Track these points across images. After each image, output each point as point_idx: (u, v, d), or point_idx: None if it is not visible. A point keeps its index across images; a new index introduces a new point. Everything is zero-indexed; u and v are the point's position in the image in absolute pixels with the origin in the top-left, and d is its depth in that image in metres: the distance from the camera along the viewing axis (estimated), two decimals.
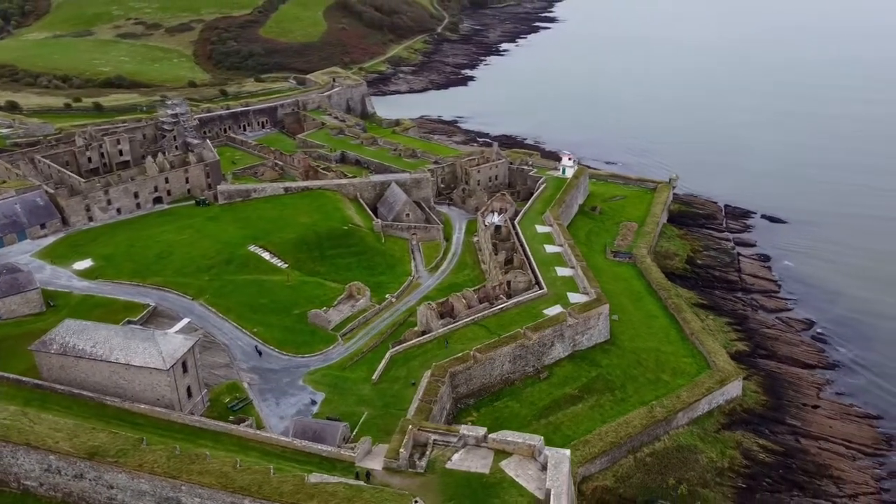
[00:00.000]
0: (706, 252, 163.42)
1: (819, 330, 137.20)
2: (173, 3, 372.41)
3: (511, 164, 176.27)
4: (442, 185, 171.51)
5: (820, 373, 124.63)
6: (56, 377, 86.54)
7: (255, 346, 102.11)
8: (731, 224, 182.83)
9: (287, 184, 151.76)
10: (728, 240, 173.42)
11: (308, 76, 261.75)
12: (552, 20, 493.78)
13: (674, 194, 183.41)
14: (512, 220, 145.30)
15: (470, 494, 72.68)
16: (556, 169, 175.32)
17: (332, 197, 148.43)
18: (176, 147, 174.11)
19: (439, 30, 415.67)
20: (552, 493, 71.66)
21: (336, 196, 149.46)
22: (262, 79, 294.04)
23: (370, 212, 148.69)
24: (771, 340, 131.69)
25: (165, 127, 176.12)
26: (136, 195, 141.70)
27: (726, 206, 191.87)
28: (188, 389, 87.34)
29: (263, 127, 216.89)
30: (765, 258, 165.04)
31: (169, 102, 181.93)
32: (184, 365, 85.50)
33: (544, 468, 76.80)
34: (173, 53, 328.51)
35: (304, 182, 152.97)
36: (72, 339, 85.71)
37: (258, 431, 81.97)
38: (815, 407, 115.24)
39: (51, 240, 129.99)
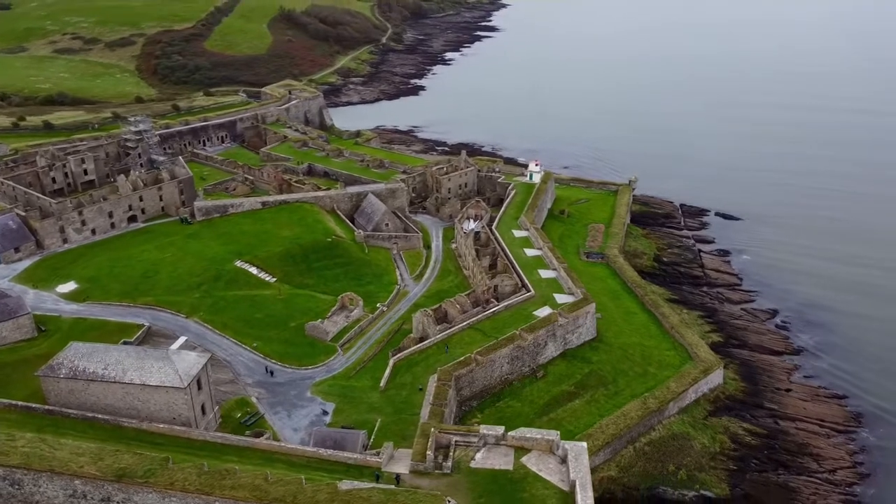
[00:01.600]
0: (670, 250, 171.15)
1: (782, 318, 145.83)
2: (111, 17, 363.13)
3: (479, 171, 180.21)
4: (413, 195, 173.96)
5: (788, 358, 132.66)
6: (64, 402, 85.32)
7: (266, 367, 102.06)
8: (689, 222, 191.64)
9: (265, 198, 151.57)
10: (688, 237, 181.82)
11: (263, 89, 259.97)
12: (493, 29, 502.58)
13: (632, 195, 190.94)
14: (489, 225, 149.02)
15: (498, 491, 75.45)
16: (523, 175, 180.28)
17: (310, 209, 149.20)
18: (141, 164, 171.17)
19: (384, 40, 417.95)
20: (577, 483, 75.12)
21: (314, 208, 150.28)
22: (211, 92, 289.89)
23: (349, 223, 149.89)
24: (741, 331, 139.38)
25: (129, 144, 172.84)
26: (110, 215, 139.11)
27: (682, 205, 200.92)
28: (202, 407, 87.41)
29: (223, 142, 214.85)
30: (724, 253, 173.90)
31: (132, 119, 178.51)
32: (198, 382, 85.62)
33: (563, 461, 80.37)
34: (115, 69, 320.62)
35: (282, 195, 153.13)
36: (81, 362, 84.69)
37: (282, 444, 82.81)
38: (788, 390, 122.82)
39: (26, 263, 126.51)
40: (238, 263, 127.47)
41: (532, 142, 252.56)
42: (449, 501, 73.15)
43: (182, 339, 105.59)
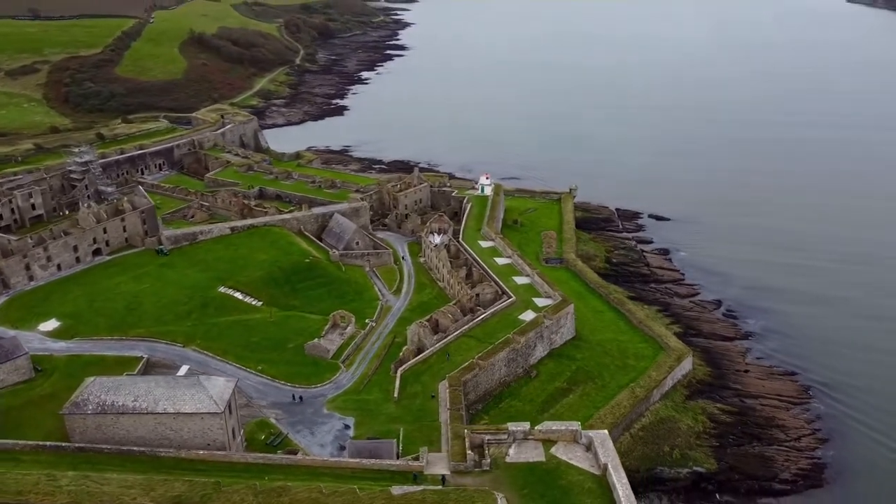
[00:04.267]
0: (617, 251, 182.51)
1: (727, 307, 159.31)
2: (8, 45, 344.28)
3: (432, 186, 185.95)
4: (371, 212, 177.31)
5: (739, 343, 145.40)
6: (91, 438, 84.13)
7: (292, 395, 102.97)
8: (626, 225, 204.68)
9: (233, 223, 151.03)
10: (629, 239, 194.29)
11: (194, 115, 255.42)
12: (402, 48, 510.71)
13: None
14: (456, 237, 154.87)
15: (537, 481, 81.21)
16: (474, 188, 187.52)
17: (280, 232, 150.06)
18: (88, 196, 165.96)
19: (298, 61, 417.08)
20: (609, 465, 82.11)
21: (283, 231, 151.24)
22: (130, 119, 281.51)
23: (319, 243, 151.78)
24: (694, 321, 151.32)
25: (75, 176, 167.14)
26: (75, 249, 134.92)
27: (617, 209, 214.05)
28: (232, 431, 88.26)
29: (161, 169, 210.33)
30: (664, 251, 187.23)
31: (76, 150, 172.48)
32: (229, 407, 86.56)
33: (588, 449, 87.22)
34: (20, 98, 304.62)
35: (249, 220, 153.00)
36: (108, 396, 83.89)
37: (325, 458, 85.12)
38: (746, 371, 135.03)
39: None
40: (222, 289, 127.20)
41: (461, 155, 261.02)
42: (499, 496, 78.32)
43: (185, 368, 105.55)
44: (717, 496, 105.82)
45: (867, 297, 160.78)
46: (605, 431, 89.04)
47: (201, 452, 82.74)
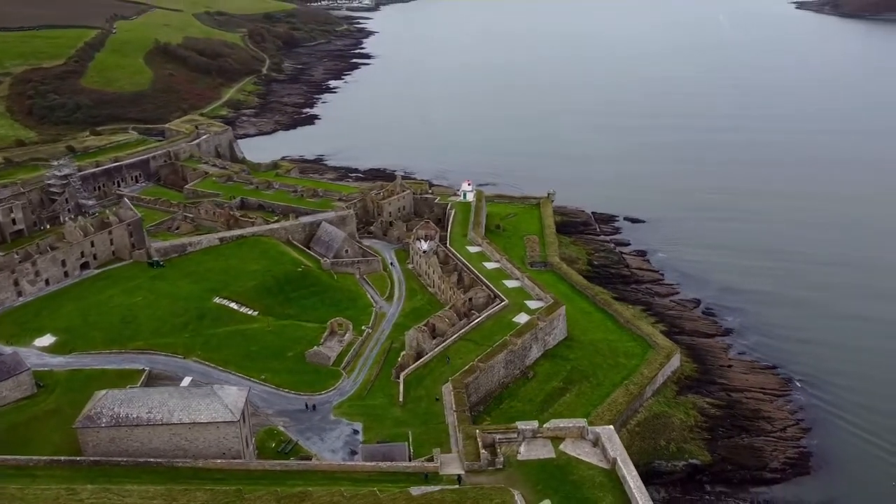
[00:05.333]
0: (597, 254, 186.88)
1: (706, 306, 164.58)
2: None
3: (414, 194, 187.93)
4: (355, 220, 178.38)
5: (720, 339, 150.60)
6: (104, 452, 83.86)
7: (305, 403, 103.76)
8: (603, 228, 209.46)
9: (222, 234, 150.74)
10: (607, 241, 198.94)
11: (167, 126, 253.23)
12: (367, 56, 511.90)
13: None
14: (444, 244, 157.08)
15: (550, 477, 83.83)
16: (456, 195, 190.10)
17: (270, 242, 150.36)
18: (69, 210, 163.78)
19: (264, 70, 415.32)
20: (619, 459, 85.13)
21: (272, 241, 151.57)
22: (98, 132, 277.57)
23: (310, 252, 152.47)
24: (677, 319, 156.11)
25: (54, 190, 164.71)
26: (63, 263, 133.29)
27: (593, 212, 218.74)
28: (245, 439, 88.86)
29: (137, 181, 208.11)
30: (642, 253, 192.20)
31: (55, 164, 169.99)
32: (243, 415, 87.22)
33: (595, 444, 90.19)
34: None
35: (238, 230, 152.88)
36: (122, 409, 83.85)
37: (342, 462, 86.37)
38: (729, 366, 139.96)
39: None
40: (217, 300, 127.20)
41: (435, 163, 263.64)
42: (515, 492, 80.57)
43: (187, 380, 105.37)
44: (709, 487, 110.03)
45: (835, 295, 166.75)
46: (611, 427, 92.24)
47: (219, 461, 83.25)
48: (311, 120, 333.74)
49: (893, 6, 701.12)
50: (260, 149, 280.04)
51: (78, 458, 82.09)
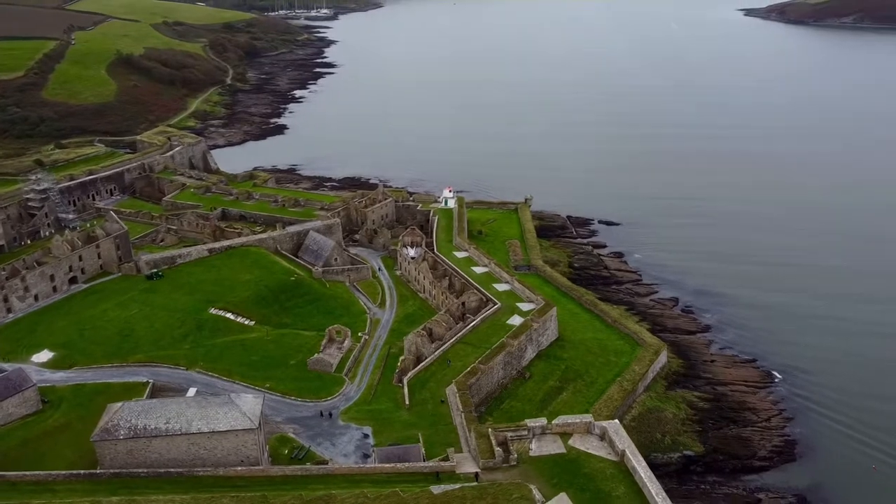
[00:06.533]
0: (577, 256, 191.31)
1: (684, 304, 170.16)
2: None
3: (396, 201, 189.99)
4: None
5: (701, 336, 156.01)
6: (122, 463, 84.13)
7: (321, 412, 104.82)
8: (580, 231, 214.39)
9: (211, 245, 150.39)
10: (584, 244, 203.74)
11: (139, 138, 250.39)
12: (331, 65, 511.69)
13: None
14: (431, 250, 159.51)
15: (563, 471, 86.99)
16: (437, 201, 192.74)
17: (259, 252, 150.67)
18: (48, 225, 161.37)
19: (229, 81, 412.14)
20: (627, 451, 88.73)
21: (262, 251, 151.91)
22: (63, 145, 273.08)
23: (299, 261, 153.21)
24: (658, 317, 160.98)
25: (33, 204, 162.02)
26: (52, 278, 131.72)
27: (569, 216, 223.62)
28: (261, 446, 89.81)
29: (112, 194, 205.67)
30: (619, 255, 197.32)
31: (33, 178, 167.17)
32: (259, 422, 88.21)
33: (602, 438, 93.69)
34: None
35: (227, 241, 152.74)
36: (140, 420, 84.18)
37: (361, 465, 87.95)
38: (712, 361, 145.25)
39: None
40: (213, 311, 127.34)
41: (409, 170, 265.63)
42: (532, 487, 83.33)
43: (192, 391, 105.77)
44: (703, 477, 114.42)
45: (803, 291, 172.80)
46: (617, 421, 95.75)
47: (239, 469, 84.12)
48: (280, 130, 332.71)
49: (834, 13, 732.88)
50: (231, 160, 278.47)
51: (97, 471, 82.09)
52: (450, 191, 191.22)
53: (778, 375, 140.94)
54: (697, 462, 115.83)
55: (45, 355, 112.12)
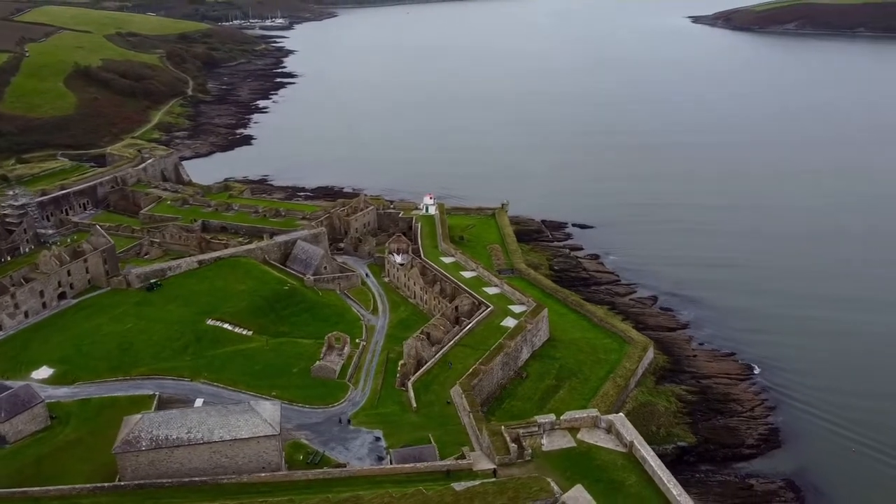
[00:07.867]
0: (556, 259, 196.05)
1: (662, 302, 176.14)
2: None
3: (378, 209, 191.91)
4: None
5: (681, 332, 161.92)
6: (143, 475, 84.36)
7: (339, 418, 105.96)
8: (555, 234, 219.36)
9: (201, 257, 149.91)
10: (562, 247, 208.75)
11: (108, 150, 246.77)
12: (291, 75, 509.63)
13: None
14: (419, 256, 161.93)
15: (576, 464, 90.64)
16: (418, 209, 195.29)
17: (249, 262, 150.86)
18: (27, 241, 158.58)
19: (190, 91, 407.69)
20: (635, 442, 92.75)
21: (251, 261, 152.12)
22: (25, 159, 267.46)
23: (289, 270, 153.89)
24: (640, 316, 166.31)
25: (11, 220, 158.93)
26: (41, 294, 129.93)
27: (543, 220, 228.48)
28: (280, 452, 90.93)
29: (85, 209, 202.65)
30: (595, 257, 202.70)
31: (10, 193, 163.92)
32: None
33: (608, 431, 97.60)
34: None
35: (216, 252, 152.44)
36: (161, 431, 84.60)
37: (382, 466, 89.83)
38: (695, 356, 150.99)
39: None
40: (210, 322, 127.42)
41: (380, 179, 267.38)
42: (549, 480, 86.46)
43: (199, 401, 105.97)
44: (697, 466, 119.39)
45: (774, 286, 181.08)
46: (622, 414, 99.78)
47: (262, 475, 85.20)
48: (247, 140, 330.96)
49: (778, 20, 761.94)
50: (200, 171, 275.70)
51: (121, 483, 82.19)
52: (430, 198, 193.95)
53: (757, 368, 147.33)
54: (691, 452, 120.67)
55: (44, 371, 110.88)
